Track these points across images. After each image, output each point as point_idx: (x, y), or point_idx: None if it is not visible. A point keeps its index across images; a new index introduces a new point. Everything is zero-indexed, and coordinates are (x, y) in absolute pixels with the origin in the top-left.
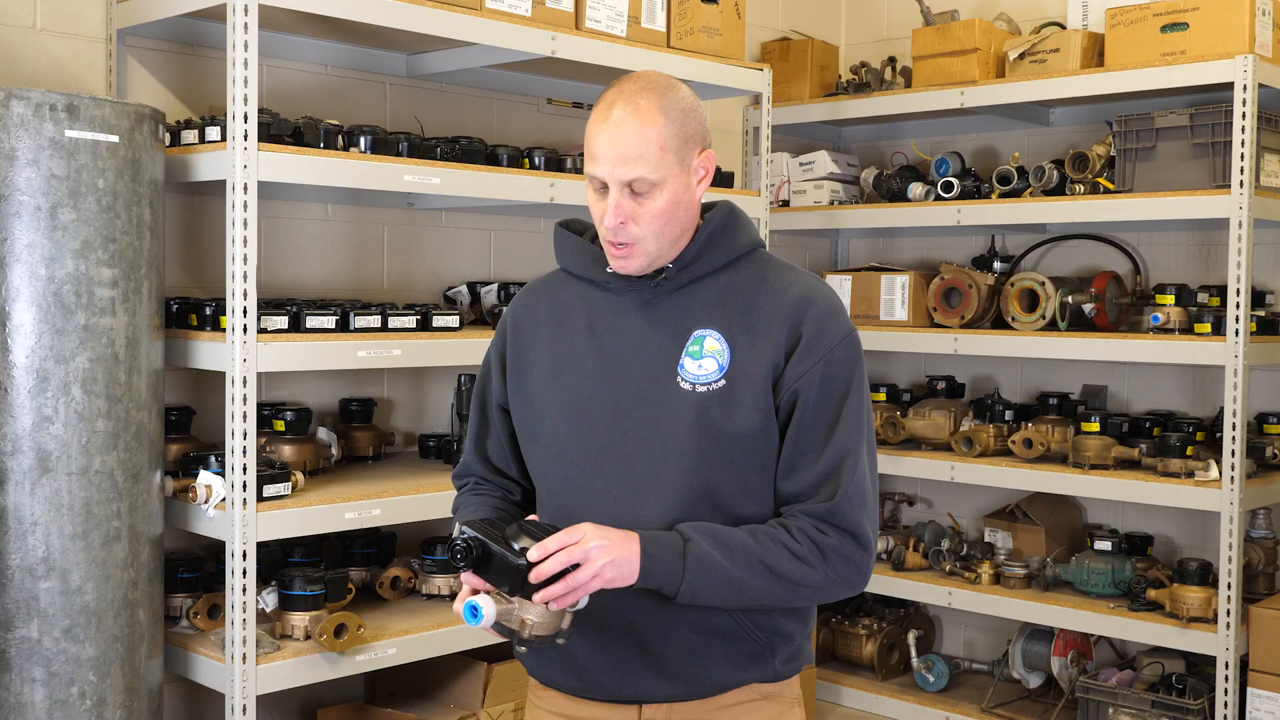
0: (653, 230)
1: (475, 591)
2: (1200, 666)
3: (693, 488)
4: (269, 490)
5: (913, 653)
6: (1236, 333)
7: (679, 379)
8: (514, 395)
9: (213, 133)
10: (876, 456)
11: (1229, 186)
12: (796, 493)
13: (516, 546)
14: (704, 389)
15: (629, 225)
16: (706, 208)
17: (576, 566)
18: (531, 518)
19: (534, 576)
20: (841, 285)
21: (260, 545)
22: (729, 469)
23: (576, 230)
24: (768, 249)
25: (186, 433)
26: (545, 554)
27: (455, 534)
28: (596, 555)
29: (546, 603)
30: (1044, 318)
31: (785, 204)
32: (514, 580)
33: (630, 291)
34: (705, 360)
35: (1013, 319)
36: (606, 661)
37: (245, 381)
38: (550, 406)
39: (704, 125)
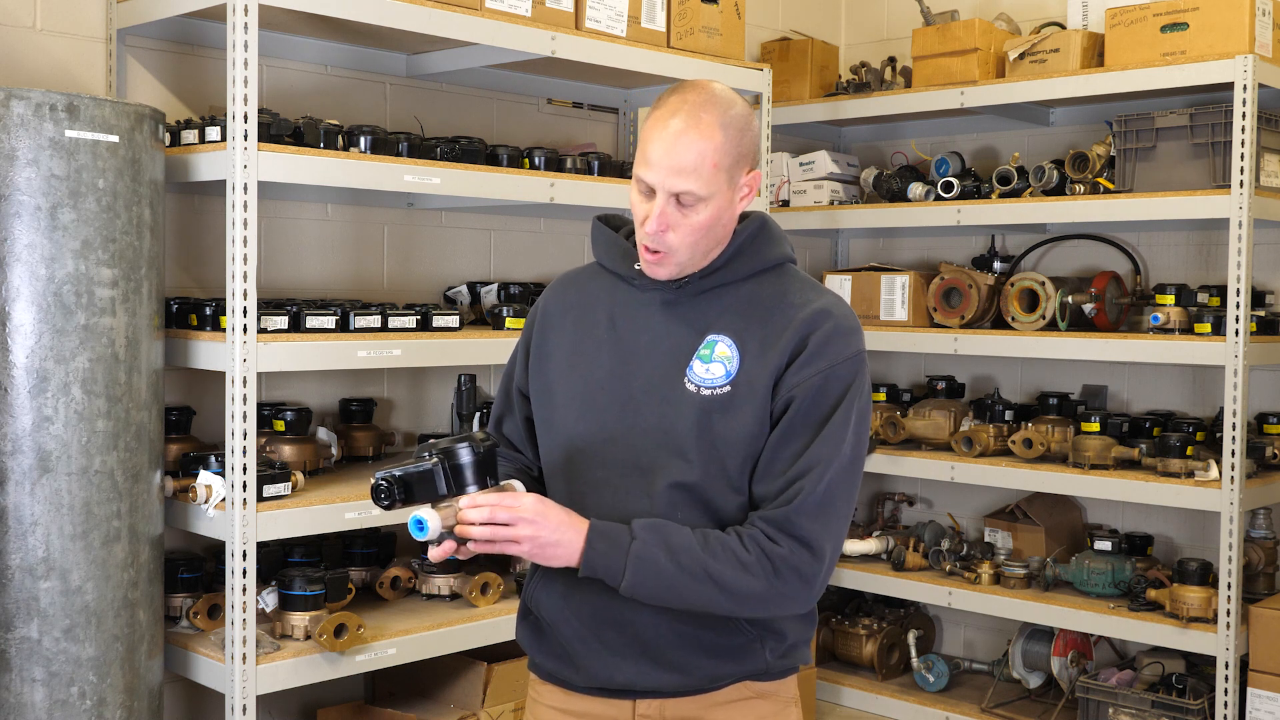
0: (688, 242)
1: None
2: (1200, 666)
3: (688, 487)
4: (269, 490)
5: (913, 653)
6: (1236, 333)
7: (686, 380)
8: (534, 382)
9: (213, 133)
10: (859, 479)
11: (1229, 186)
12: (762, 496)
13: (428, 455)
14: (708, 393)
15: (668, 234)
16: (740, 217)
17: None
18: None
19: (460, 531)
20: (841, 285)
21: (260, 545)
22: (725, 473)
23: (614, 225)
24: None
25: (186, 433)
26: (474, 505)
27: (372, 482)
28: (523, 529)
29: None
30: (1044, 318)
31: (785, 204)
32: (446, 484)
33: (654, 289)
34: (714, 365)
35: (1013, 319)
36: (599, 648)
37: (245, 381)
38: (564, 394)
39: (757, 144)
